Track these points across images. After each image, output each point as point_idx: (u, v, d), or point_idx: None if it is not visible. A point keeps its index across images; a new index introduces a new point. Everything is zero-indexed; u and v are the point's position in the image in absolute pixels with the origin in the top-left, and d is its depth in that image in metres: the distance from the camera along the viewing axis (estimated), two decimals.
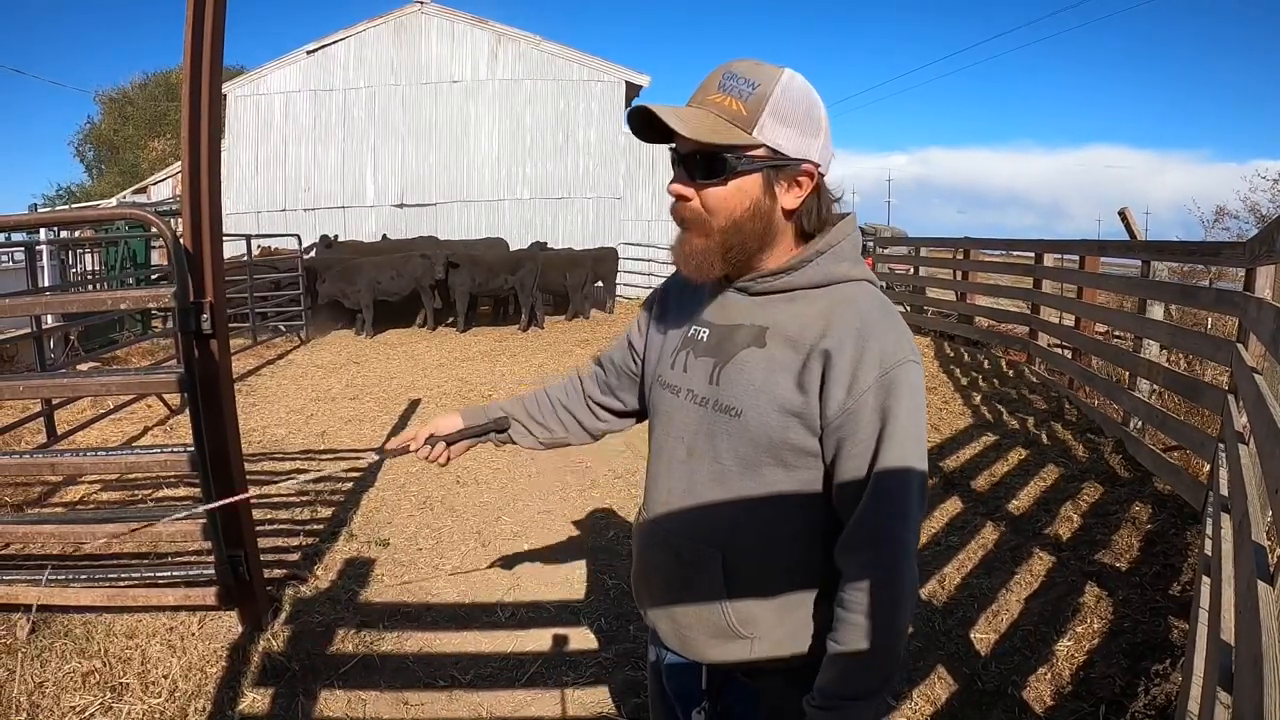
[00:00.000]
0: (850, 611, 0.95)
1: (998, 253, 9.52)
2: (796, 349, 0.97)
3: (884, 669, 0.96)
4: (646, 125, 0.97)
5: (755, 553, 1.01)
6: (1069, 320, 6.49)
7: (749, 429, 0.99)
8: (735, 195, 0.96)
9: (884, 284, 10.55)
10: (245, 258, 9.10)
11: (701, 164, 0.96)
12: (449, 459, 1.32)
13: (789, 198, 0.98)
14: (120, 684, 2.30)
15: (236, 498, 2.06)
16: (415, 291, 9.77)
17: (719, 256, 0.99)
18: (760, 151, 0.95)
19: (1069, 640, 2.54)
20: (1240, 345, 3.06)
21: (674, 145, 0.99)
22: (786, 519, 1.00)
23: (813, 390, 0.95)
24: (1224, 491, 2.51)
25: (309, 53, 14.19)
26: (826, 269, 1.00)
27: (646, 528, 1.12)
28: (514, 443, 1.33)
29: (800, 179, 0.98)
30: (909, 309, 9.77)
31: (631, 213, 14.80)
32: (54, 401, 5.00)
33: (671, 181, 1.00)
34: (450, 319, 10.09)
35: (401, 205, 14.50)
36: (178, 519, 2.53)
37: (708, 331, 1.06)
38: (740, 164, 0.95)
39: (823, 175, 1.00)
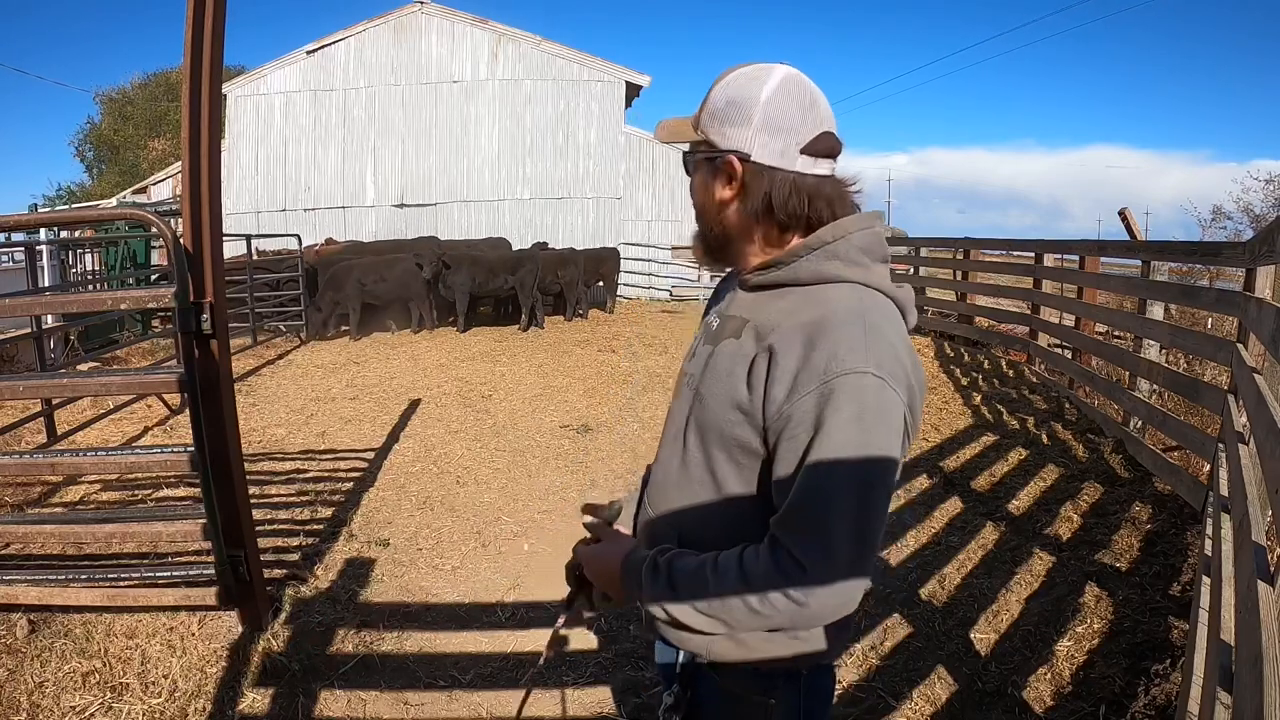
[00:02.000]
0: (728, 558, 0.91)
1: (998, 253, 9.52)
2: (757, 343, 0.95)
3: (686, 610, 0.93)
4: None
5: (704, 543, 0.98)
6: (1069, 320, 6.49)
7: (706, 417, 0.99)
8: (699, 189, 1.03)
9: None
10: (245, 258, 9.09)
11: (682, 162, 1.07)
12: None
13: (724, 190, 0.99)
14: (120, 684, 2.30)
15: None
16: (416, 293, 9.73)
17: (700, 245, 1.07)
18: (702, 147, 1.01)
19: (1069, 640, 2.54)
20: (1240, 345, 3.06)
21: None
22: (739, 519, 0.97)
23: (758, 388, 0.92)
24: (1224, 491, 2.51)
25: (309, 53, 14.18)
26: (815, 267, 0.96)
27: (641, 501, 1.17)
28: None
29: (725, 169, 0.98)
30: None
31: (631, 213, 14.80)
32: (54, 401, 5.00)
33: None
34: (451, 318, 10.08)
35: (402, 205, 14.50)
36: None
37: (717, 321, 1.08)
38: (689, 159, 1.04)
39: (763, 165, 0.95)
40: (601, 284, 11.87)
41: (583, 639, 2.72)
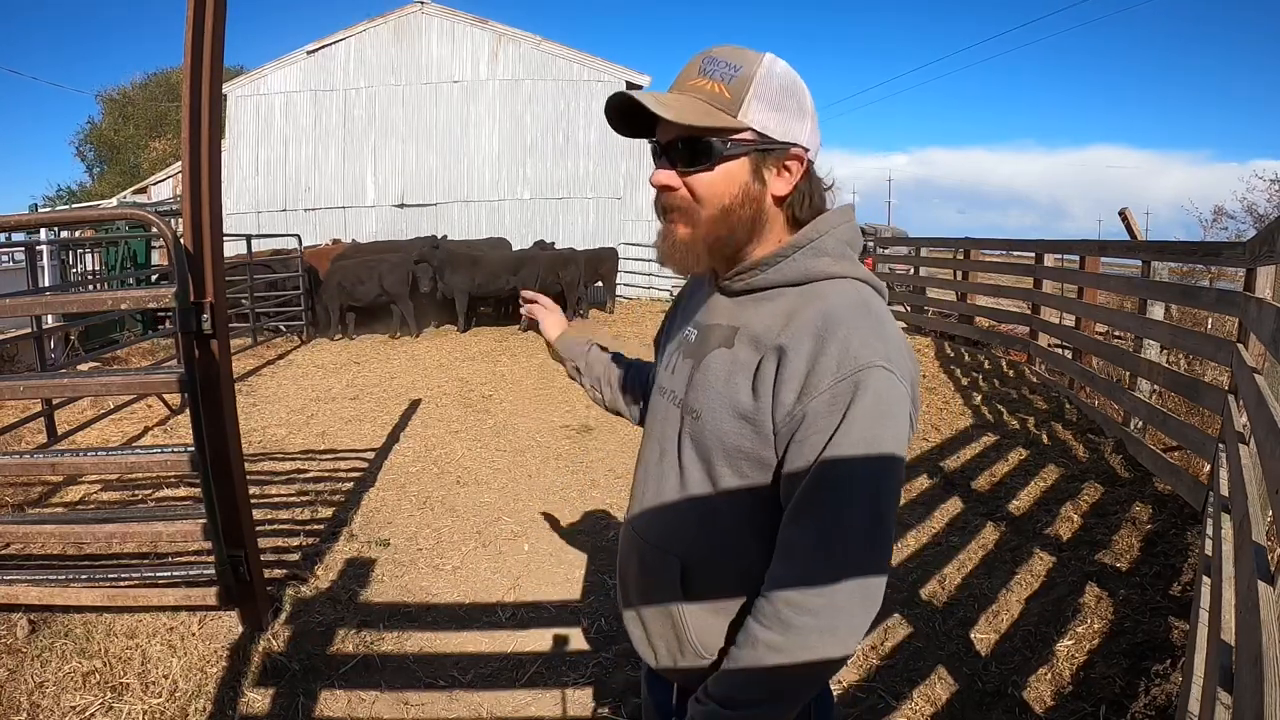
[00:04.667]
0: (754, 624, 0.88)
1: (998, 253, 9.52)
2: (757, 349, 0.92)
3: (756, 694, 0.88)
4: (626, 117, 0.93)
5: (711, 565, 0.96)
6: (1069, 320, 6.49)
7: (705, 433, 0.95)
8: (723, 181, 0.91)
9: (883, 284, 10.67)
10: (245, 258, 9.09)
11: (685, 151, 0.91)
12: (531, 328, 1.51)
13: (779, 183, 0.93)
14: (120, 684, 2.30)
15: None
16: (422, 293, 9.70)
17: (704, 247, 0.94)
18: (747, 135, 0.90)
19: (1069, 640, 2.54)
20: (1240, 345, 3.06)
21: (655, 137, 0.95)
22: (742, 533, 0.94)
23: (765, 393, 0.88)
24: (1224, 491, 2.51)
25: (309, 53, 14.18)
26: (804, 265, 0.93)
27: (625, 530, 1.11)
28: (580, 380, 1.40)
29: (789, 163, 0.93)
30: (909, 309, 9.77)
31: (632, 213, 14.79)
32: (54, 401, 5.00)
33: (654, 172, 0.94)
34: (439, 319, 10.08)
35: (402, 205, 14.49)
36: None
37: (696, 332, 1.03)
38: (727, 148, 0.90)
39: (812, 161, 0.95)
40: (600, 284, 11.87)
41: (583, 639, 2.72)
